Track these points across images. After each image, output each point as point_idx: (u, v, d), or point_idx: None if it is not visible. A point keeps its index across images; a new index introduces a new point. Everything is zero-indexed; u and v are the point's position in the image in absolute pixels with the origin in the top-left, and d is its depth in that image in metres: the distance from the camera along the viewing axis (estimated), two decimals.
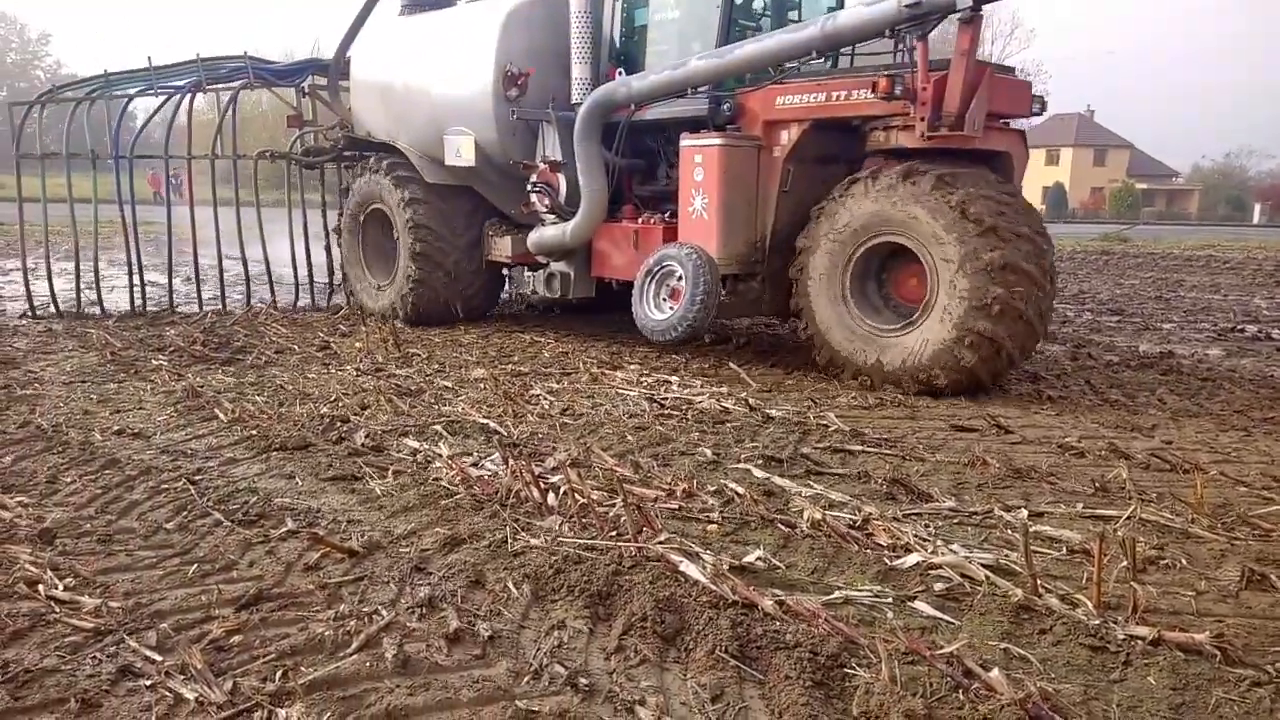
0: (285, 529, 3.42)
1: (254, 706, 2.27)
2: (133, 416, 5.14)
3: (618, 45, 7.81)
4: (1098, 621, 2.71)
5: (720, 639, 2.57)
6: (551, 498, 3.70)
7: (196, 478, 4.01)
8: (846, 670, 2.44)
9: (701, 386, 6.11)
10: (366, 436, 4.70)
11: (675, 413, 5.36)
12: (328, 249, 10.25)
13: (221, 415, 5.09)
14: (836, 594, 2.93)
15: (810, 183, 6.67)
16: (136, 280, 9.49)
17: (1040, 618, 2.77)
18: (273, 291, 10.11)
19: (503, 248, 8.46)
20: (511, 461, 4.04)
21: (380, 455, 4.44)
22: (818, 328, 6.40)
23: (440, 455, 4.31)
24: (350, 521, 3.56)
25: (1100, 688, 2.42)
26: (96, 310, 9.42)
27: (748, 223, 6.82)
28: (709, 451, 4.53)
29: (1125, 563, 2.98)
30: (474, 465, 4.22)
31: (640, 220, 7.51)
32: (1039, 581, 2.92)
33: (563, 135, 7.55)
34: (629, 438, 4.78)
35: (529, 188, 7.79)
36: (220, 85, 9.84)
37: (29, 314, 8.99)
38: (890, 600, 2.91)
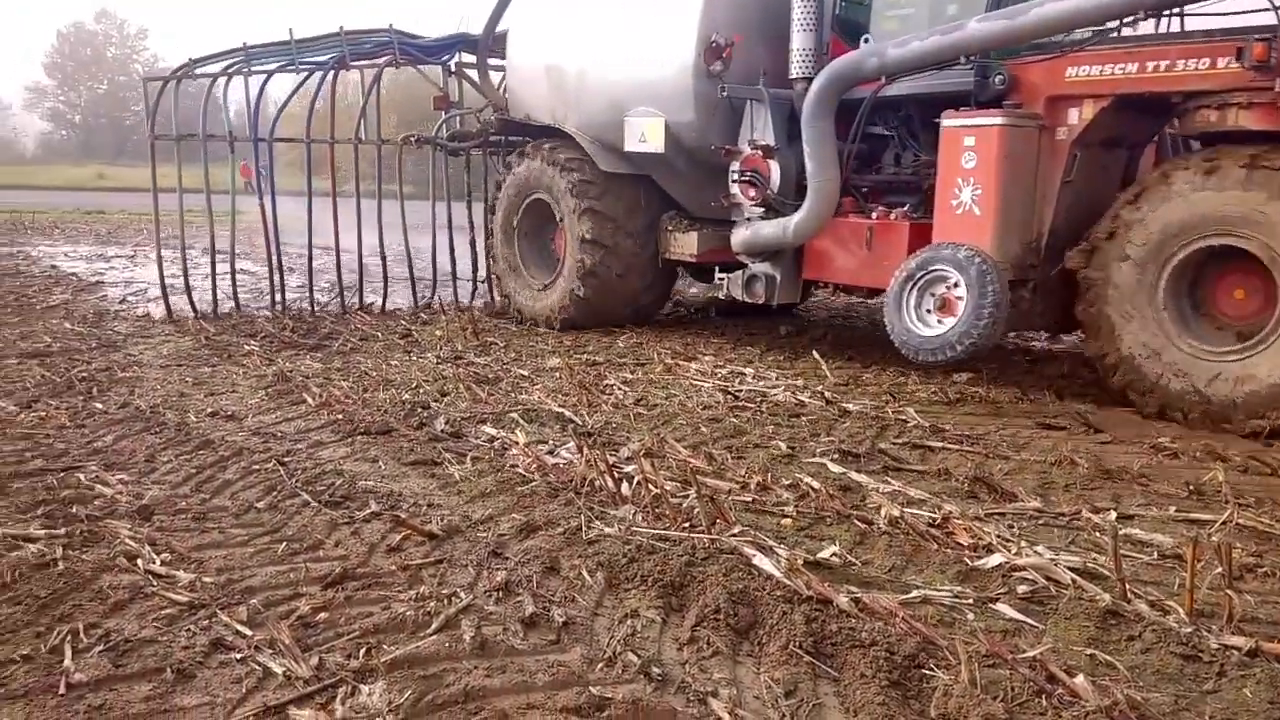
0: (369, 511, 3.52)
1: (338, 682, 2.34)
2: (226, 399, 5.34)
3: (837, 11, 6.79)
4: (1190, 629, 2.60)
5: (794, 634, 2.55)
6: (625, 487, 3.72)
7: (286, 459, 4.15)
8: (924, 671, 2.40)
9: (776, 379, 6.07)
10: (446, 423, 4.80)
11: (750, 405, 5.33)
12: (472, 243, 9.52)
13: (309, 400, 5.25)
14: (915, 593, 2.88)
15: (1092, 171, 5.61)
16: (281, 280, 8.83)
17: (1129, 624, 2.67)
18: (414, 289, 9.34)
19: (685, 245, 7.47)
20: (586, 450, 4.07)
21: (459, 441, 4.53)
22: (1117, 347, 5.29)
23: (517, 443, 4.37)
24: (430, 505, 3.64)
25: (1192, 698, 2.33)
26: (260, 311, 8.73)
27: (1025, 219, 5.65)
28: (784, 444, 4.50)
29: (1220, 569, 2.85)
30: (549, 453, 4.27)
31: (875, 215, 6.42)
32: (1128, 586, 2.83)
33: (775, 116, 6.60)
34: (703, 429, 4.77)
35: (734, 177, 6.77)
36: (364, 62, 8.89)
37: (166, 318, 8.23)
38: (971, 601, 2.84)
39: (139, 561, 3.02)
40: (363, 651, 2.48)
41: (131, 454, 4.23)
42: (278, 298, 8.76)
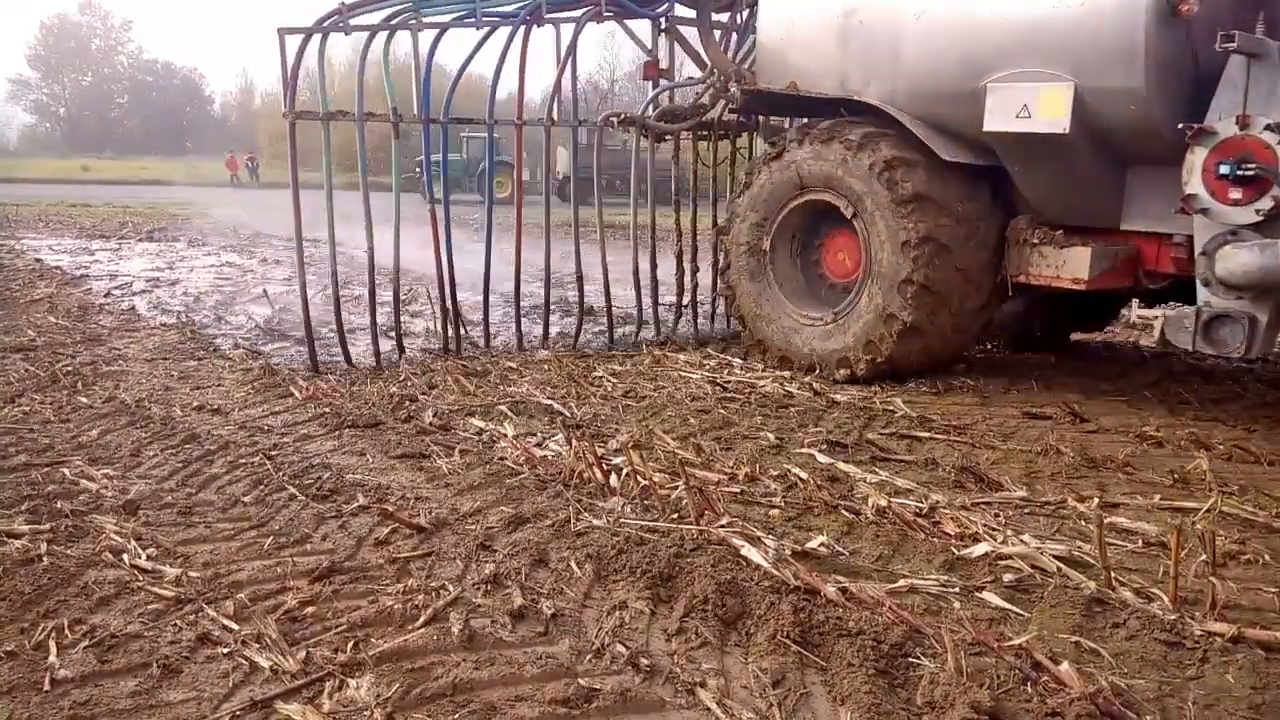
0: (356, 504, 3.51)
1: (326, 676, 2.34)
2: (212, 393, 5.32)
3: None
4: (1174, 617, 2.62)
5: (782, 624, 2.56)
6: (614, 479, 3.73)
7: (272, 453, 4.13)
8: (911, 660, 2.42)
9: (764, 370, 6.07)
10: (434, 416, 4.78)
11: (738, 396, 5.34)
12: (679, 257, 7.21)
13: (296, 393, 5.23)
14: (901, 582, 2.89)
15: None
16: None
17: (1114, 611, 2.70)
18: (610, 324, 7.14)
19: (1065, 264, 5.30)
20: (575, 442, 4.07)
21: (447, 434, 4.52)
22: None
23: (505, 435, 4.37)
24: (419, 498, 3.64)
25: (1175, 685, 2.35)
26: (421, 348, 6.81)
27: None
28: (772, 435, 4.51)
29: (1204, 557, 2.88)
30: (538, 446, 4.27)
31: None
32: (1113, 574, 2.85)
33: None
34: (691, 421, 4.78)
35: (1230, 172, 4.49)
36: (562, 15, 6.75)
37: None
38: (957, 590, 2.86)
39: (124, 556, 3.00)
40: (350, 645, 2.48)
41: (117, 448, 4.21)
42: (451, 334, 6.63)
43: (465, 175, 31.27)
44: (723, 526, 3.21)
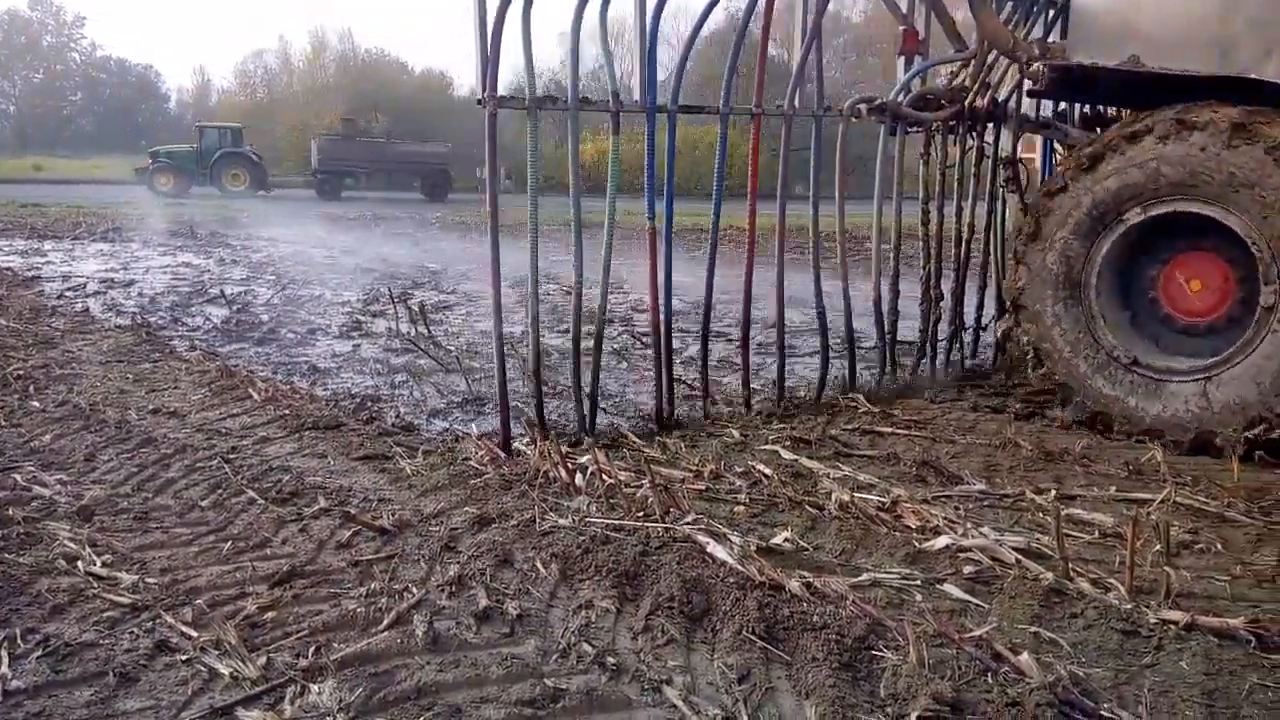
0: (318, 507, 3.47)
1: (287, 682, 2.31)
2: (168, 395, 5.22)
3: None
4: (1130, 606, 2.68)
5: (747, 620, 2.57)
6: (580, 478, 3.72)
7: (231, 456, 4.07)
8: (874, 652, 2.44)
9: (730, 368, 6.09)
10: (397, 416, 4.74)
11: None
12: (929, 280, 5.72)
13: (255, 395, 5.16)
14: (864, 576, 2.92)
15: None
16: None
17: (1071, 601, 2.74)
18: (890, 358, 5.60)
19: None
20: (540, 442, 4.06)
21: (410, 435, 4.48)
22: None
23: (469, 435, 4.34)
24: (381, 500, 3.60)
25: (1131, 672, 2.39)
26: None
27: None
28: (736, 433, 4.52)
29: (1159, 547, 2.94)
30: (502, 445, 4.24)
31: None
32: (1070, 565, 2.89)
33: None
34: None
35: None
36: None
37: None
38: (919, 583, 2.89)
39: (79, 563, 2.94)
40: (312, 650, 2.45)
41: (70, 453, 4.12)
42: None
43: (197, 168, 31.17)
44: (688, 524, 3.21)
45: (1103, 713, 2.17)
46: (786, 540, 3.17)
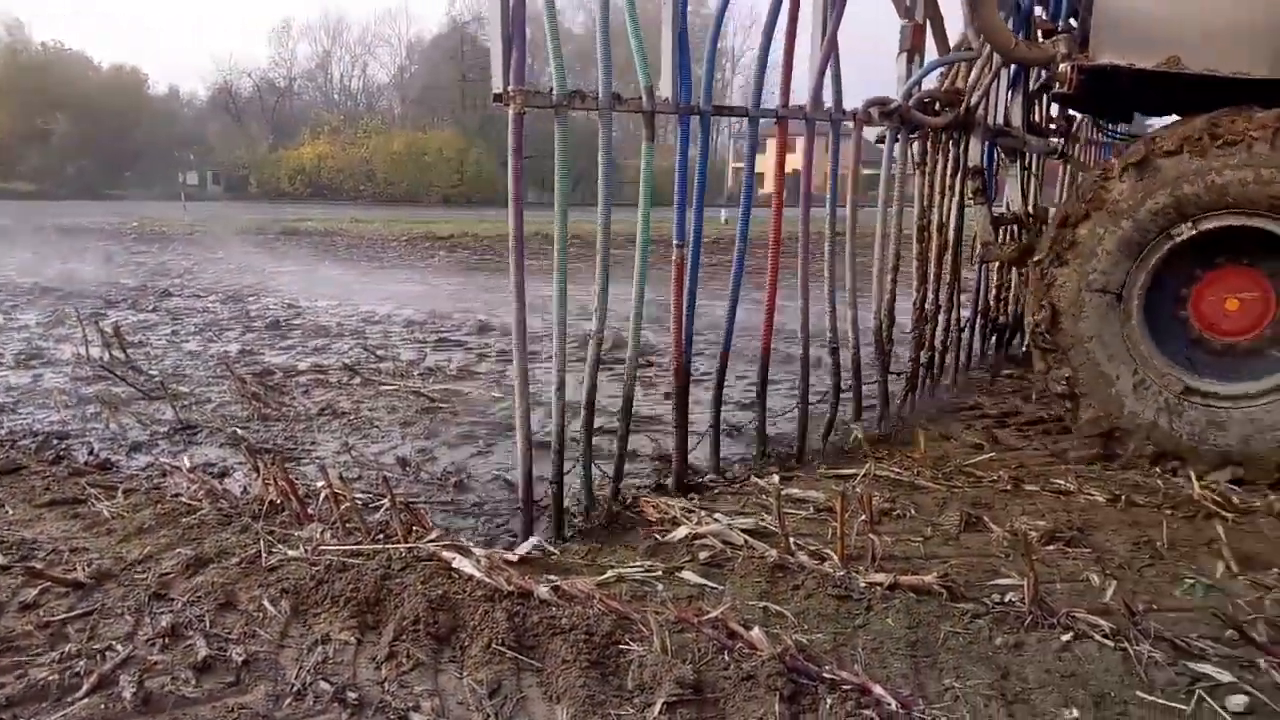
0: None
1: None
2: None
3: None
4: (843, 573, 2.94)
5: (496, 632, 2.54)
6: (311, 505, 3.50)
7: None
8: (621, 646, 2.50)
9: (469, 377, 6.01)
10: (90, 453, 4.22)
11: (444, 404, 5.24)
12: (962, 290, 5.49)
13: None
14: (610, 573, 2.99)
15: None
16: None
17: (793, 574, 2.97)
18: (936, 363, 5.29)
19: None
20: (263, 469, 3.77)
21: (107, 473, 4.00)
22: None
23: (179, 468, 3.94)
24: (74, 550, 3.18)
25: (847, 634, 2.63)
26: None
27: None
28: (483, 440, 4.47)
29: (864, 516, 3.26)
30: (219, 476, 3.91)
31: None
32: (791, 541, 3.13)
33: None
34: (395, 433, 4.61)
35: None
36: None
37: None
38: (660, 573, 3.00)
39: None
40: None
41: None
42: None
43: None
44: (432, 541, 3.12)
45: (825, 674, 2.36)
46: (535, 548, 3.17)
